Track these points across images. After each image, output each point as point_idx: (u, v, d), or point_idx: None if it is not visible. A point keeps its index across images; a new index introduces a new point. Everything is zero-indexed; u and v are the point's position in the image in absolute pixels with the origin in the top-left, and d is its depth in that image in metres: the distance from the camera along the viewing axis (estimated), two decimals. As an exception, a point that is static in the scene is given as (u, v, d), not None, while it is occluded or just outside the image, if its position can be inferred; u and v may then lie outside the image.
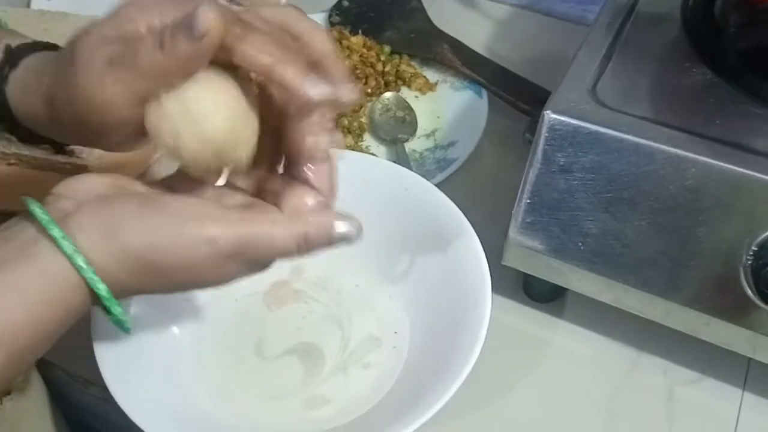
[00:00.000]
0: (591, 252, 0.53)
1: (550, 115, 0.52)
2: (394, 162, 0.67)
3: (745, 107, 0.52)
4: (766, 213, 0.48)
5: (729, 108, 0.53)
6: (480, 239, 0.57)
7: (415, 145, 0.74)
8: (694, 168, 0.49)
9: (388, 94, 0.77)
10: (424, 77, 0.79)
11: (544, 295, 0.62)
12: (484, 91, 0.75)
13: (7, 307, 0.37)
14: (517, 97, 0.74)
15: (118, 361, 0.51)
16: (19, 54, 0.44)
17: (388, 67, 0.78)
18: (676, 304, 0.52)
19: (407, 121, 0.75)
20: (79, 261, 0.38)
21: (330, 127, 0.42)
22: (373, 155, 0.71)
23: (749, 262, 0.49)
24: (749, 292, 0.49)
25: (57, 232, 0.38)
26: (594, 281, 0.54)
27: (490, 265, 0.55)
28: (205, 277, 0.41)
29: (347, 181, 0.44)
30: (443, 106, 0.77)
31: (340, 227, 0.41)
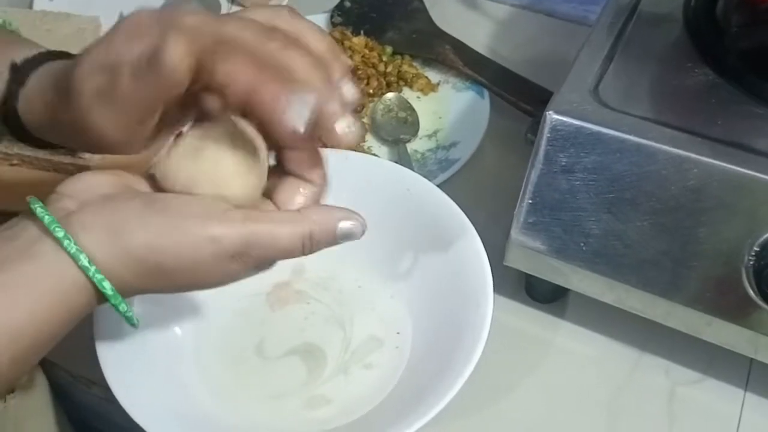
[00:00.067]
0: (593, 252, 0.53)
1: (552, 116, 0.52)
2: (396, 162, 0.67)
3: (746, 107, 0.52)
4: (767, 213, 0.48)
5: (731, 108, 0.53)
6: (482, 240, 0.57)
7: (416, 145, 0.74)
8: (696, 168, 0.49)
9: (390, 95, 0.77)
10: (426, 78, 0.79)
11: (545, 296, 0.62)
12: (485, 92, 0.75)
13: (9, 307, 0.37)
14: (518, 97, 0.74)
15: (120, 361, 0.51)
16: (25, 71, 0.44)
17: (389, 68, 0.78)
18: (678, 304, 0.52)
19: (409, 122, 0.75)
20: (83, 260, 0.38)
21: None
22: (375, 156, 0.71)
23: (751, 263, 0.49)
24: (751, 292, 0.49)
25: (60, 232, 0.37)
26: (596, 282, 0.54)
27: (492, 266, 0.55)
28: (210, 277, 0.41)
29: (349, 182, 0.44)
30: (445, 106, 0.77)
31: (344, 225, 0.41)
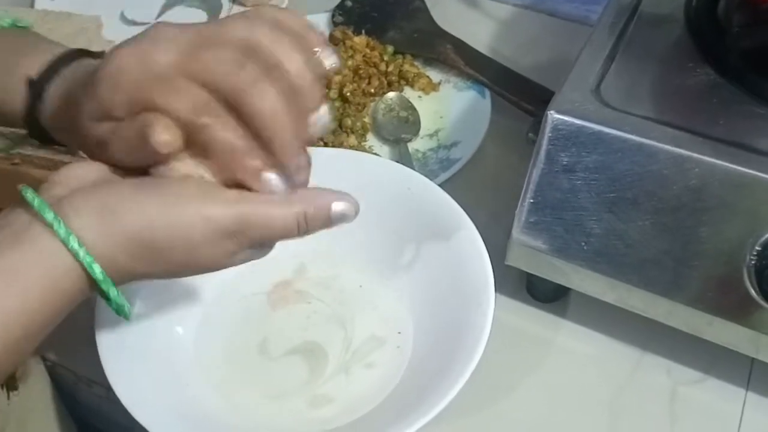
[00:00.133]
0: (594, 252, 0.53)
1: (553, 115, 0.52)
2: (397, 162, 0.67)
3: (748, 107, 0.52)
4: (769, 213, 0.48)
5: (732, 108, 0.53)
6: (483, 239, 0.57)
7: (418, 144, 0.74)
8: (698, 168, 0.49)
9: (391, 94, 0.77)
10: (427, 77, 0.79)
11: (547, 295, 0.62)
12: (487, 91, 0.75)
13: (0, 294, 0.37)
14: (520, 97, 0.74)
15: (122, 360, 0.51)
16: (40, 87, 0.45)
17: (391, 67, 0.78)
18: (680, 303, 0.52)
19: (410, 121, 0.75)
20: (73, 243, 0.37)
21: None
22: (376, 155, 0.71)
23: (753, 262, 0.49)
24: (753, 292, 0.49)
25: (50, 215, 0.37)
26: (597, 281, 0.54)
27: (493, 265, 0.55)
28: (205, 258, 0.40)
29: (350, 181, 0.44)
30: (446, 106, 0.77)
31: (337, 206, 0.42)
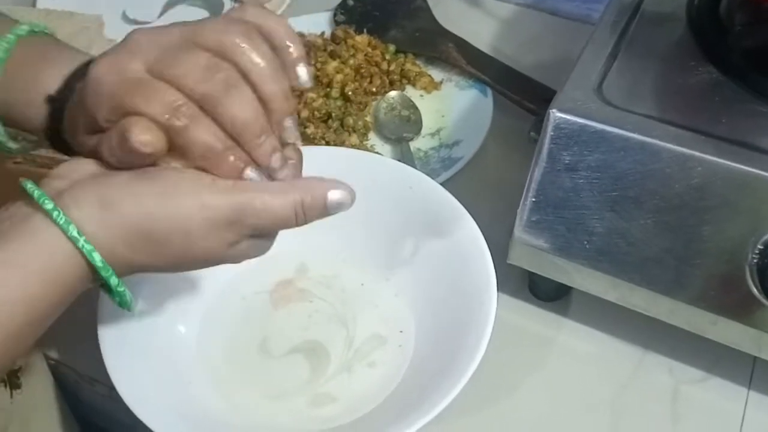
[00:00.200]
0: (596, 250, 0.53)
1: (555, 114, 0.52)
2: (399, 161, 0.67)
3: (750, 106, 0.52)
4: (771, 212, 0.48)
5: (734, 107, 0.52)
6: (485, 238, 0.57)
7: (419, 143, 0.74)
8: (700, 166, 0.49)
9: (393, 93, 0.77)
10: (429, 76, 0.79)
11: (549, 294, 0.62)
12: (489, 90, 0.75)
13: (1, 284, 0.37)
14: (522, 95, 0.74)
15: (124, 358, 0.51)
16: (61, 104, 0.46)
17: (392, 66, 0.78)
18: (682, 302, 0.52)
19: (412, 120, 0.75)
20: (73, 231, 0.38)
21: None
22: (378, 154, 0.71)
23: (755, 261, 0.49)
24: (755, 290, 0.49)
25: (49, 204, 0.38)
26: (599, 280, 0.54)
27: (495, 264, 0.55)
28: (204, 248, 0.41)
29: (352, 180, 0.44)
30: (448, 104, 0.77)
31: (334, 194, 0.42)
